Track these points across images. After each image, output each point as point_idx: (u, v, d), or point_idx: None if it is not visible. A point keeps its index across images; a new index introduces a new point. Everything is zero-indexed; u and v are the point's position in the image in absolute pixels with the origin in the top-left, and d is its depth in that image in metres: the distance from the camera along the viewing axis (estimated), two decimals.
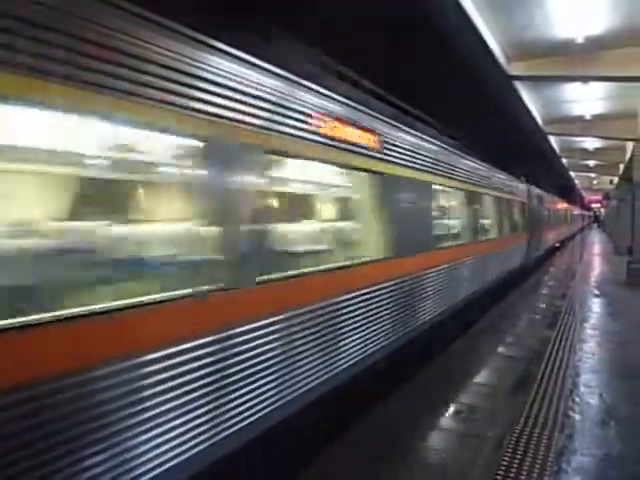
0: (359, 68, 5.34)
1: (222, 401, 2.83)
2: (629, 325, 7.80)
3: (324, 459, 3.62)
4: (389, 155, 4.93)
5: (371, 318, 4.46)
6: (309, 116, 3.72)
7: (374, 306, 4.50)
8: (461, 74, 11.80)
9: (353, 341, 4.17)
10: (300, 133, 3.59)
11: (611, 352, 6.31)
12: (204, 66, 2.82)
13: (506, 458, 3.53)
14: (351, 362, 4.14)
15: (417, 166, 5.63)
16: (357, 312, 4.23)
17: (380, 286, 4.62)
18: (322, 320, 3.74)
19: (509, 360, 6.14)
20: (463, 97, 15.46)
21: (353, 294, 4.17)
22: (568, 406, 4.46)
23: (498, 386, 5.20)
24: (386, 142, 4.88)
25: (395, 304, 4.93)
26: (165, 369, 2.50)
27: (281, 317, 3.29)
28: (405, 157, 5.30)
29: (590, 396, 4.74)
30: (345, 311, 4.05)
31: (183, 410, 2.59)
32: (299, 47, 4.27)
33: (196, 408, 2.66)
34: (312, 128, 3.73)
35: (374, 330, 4.51)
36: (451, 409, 4.59)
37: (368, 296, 4.40)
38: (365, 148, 4.47)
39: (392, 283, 4.87)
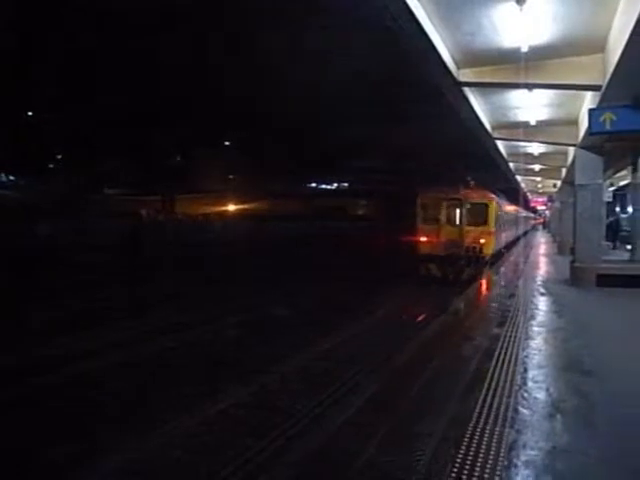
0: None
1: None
2: (573, 322, 8.18)
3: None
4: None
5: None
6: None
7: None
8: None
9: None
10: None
11: (556, 348, 6.60)
12: None
13: (460, 455, 3.61)
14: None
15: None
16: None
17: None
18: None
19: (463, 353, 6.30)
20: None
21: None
22: (517, 401, 4.62)
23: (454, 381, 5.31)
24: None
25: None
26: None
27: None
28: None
29: (538, 391, 4.92)
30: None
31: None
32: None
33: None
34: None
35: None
36: None
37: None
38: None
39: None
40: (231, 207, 52.33)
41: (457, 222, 16.55)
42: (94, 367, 7.76)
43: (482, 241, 16.22)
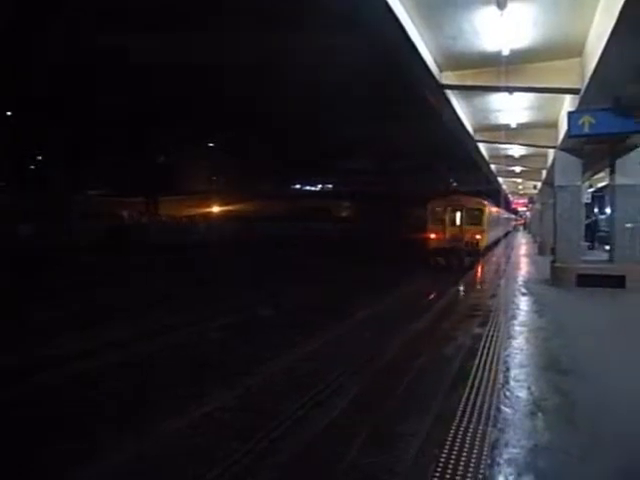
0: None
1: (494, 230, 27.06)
2: (553, 321, 8.29)
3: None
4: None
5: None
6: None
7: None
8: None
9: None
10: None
11: (537, 347, 6.69)
12: None
13: (444, 454, 3.64)
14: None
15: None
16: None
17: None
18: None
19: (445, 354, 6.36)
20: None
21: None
22: (500, 400, 4.68)
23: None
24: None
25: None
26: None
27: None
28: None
29: (519, 390, 4.99)
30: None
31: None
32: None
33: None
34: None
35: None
36: None
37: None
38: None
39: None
40: (215, 208, 52.09)
41: (458, 223, 20.82)
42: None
43: (477, 237, 20.69)
